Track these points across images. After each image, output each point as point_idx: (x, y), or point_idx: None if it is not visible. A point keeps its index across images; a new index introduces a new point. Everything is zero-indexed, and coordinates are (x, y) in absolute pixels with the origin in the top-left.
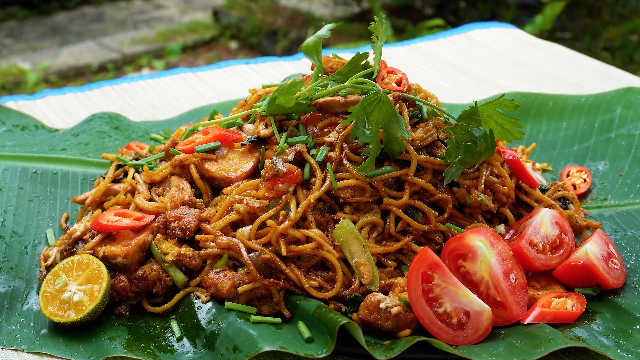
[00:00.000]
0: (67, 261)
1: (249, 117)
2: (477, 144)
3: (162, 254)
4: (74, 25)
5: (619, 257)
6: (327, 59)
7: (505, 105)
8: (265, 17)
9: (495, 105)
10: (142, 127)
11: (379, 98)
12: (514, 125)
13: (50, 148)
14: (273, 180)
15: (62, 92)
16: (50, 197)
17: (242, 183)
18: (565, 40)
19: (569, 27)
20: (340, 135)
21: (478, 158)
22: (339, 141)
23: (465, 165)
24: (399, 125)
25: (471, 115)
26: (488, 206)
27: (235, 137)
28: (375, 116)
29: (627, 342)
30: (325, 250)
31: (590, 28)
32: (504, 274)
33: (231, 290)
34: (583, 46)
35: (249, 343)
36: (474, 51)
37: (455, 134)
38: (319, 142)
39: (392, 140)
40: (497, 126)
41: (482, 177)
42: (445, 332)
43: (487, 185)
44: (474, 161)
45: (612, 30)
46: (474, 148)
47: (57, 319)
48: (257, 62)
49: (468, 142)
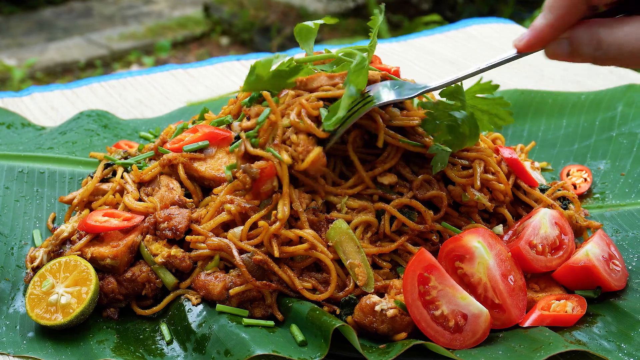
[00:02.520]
0: (54, 263)
1: (239, 115)
2: (459, 125)
3: (152, 255)
4: (61, 20)
5: (621, 259)
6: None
7: (487, 89)
8: (257, 12)
9: (475, 91)
10: (131, 125)
11: (364, 66)
12: (500, 105)
13: (37, 146)
14: (255, 186)
15: (49, 89)
16: (37, 197)
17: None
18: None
19: None
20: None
21: (463, 141)
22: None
23: (452, 148)
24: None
25: (455, 93)
26: (485, 205)
27: (223, 136)
28: (360, 84)
29: (629, 345)
30: (319, 251)
31: None
32: (503, 275)
33: (222, 293)
34: None
35: (240, 347)
36: (472, 47)
37: (436, 110)
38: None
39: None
40: (483, 115)
41: (477, 174)
42: (442, 336)
43: (482, 183)
44: (459, 144)
45: None
46: (457, 129)
47: (44, 321)
48: (249, 59)
49: (449, 122)
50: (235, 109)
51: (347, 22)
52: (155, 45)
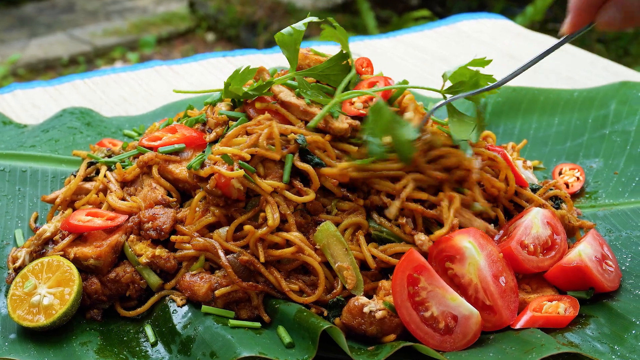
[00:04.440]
0: (37, 263)
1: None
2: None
3: (136, 256)
4: (44, 16)
5: (614, 259)
6: (305, 56)
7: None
8: (244, 8)
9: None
10: (115, 123)
11: (379, 107)
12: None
13: (19, 145)
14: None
15: (31, 86)
16: (19, 196)
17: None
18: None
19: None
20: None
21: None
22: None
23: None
24: (402, 127)
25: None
26: (489, 214)
27: (200, 142)
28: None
29: (622, 347)
30: (306, 254)
31: None
32: (494, 276)
33: (208, 294)
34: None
35: (226, 348)
36: (462, 43)
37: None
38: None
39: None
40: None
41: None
42: (432, 337)
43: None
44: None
45: None
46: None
47: (26, 323)
48: (235, 55)
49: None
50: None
51: (335, 18)
52: (139, 41)
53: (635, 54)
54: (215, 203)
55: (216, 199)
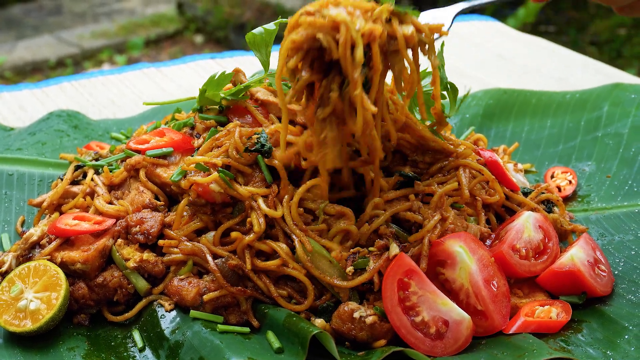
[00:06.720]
0: (23, 267)
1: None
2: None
3: (124, 260)
4: (31, 18)
5: (606, 263)
6: None
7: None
8: (232, 10)
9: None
10: (103, 126)
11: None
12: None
13: (5, 148)
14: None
15: (17, 88)
16: (5, 200)
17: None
18: (550, 34)
19: (554, 20)
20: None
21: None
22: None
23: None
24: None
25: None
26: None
27: (188, 146)
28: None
29: (614, 352)
30: (291, 267)
31: (576, 21)
32: (485, 281)
33: (196, 298)
34: (568, 40)
35: (215, 354)
36: (454, 45)
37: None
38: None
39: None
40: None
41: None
42: (423, 343)
43: (472, 193)
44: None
45: (599, 24)
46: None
47: (13, 328)
48: (223, 57)
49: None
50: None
51: None
52: (127, 43)
53: (628, 56)
54: (203, 212)
55: (202, 208)
